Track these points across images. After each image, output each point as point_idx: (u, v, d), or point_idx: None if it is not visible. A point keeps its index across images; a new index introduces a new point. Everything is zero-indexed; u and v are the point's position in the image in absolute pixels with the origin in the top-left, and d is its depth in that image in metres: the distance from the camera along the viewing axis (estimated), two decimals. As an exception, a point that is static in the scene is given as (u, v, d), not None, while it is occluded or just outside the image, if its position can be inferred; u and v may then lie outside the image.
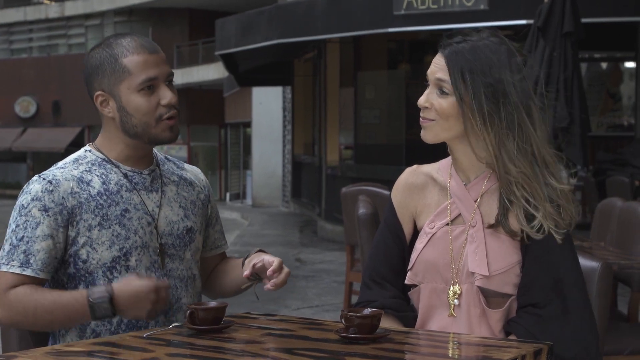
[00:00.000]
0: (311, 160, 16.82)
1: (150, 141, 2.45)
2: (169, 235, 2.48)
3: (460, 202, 2.38)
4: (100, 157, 2.48)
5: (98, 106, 2.45)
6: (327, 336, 2.08)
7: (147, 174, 2.50)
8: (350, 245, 6.49)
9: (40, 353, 1.97)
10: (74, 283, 2.40)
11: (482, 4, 10.19)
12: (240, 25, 14.27)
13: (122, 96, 2.40)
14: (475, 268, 2.31)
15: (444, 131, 2.34)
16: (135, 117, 2.40)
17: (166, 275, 2.46)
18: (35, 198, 2.36)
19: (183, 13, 32.01)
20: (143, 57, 2.40)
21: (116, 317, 2.34)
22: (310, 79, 17.31)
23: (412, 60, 13.55)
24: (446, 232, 2.38)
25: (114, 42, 2.43)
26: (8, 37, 37.20)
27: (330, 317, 7.07)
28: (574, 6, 6.54)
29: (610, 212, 5.00)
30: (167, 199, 2.51)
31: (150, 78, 2.39)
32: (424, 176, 2.48)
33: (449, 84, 2.30)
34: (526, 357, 1.90)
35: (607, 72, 13.38)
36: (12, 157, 36.27)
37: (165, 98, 2.41)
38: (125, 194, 2.43)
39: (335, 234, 12.81)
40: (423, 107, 2.35)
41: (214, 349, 1.98)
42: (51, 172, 2.42)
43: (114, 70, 2.40)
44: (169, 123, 2.43)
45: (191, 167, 2.69)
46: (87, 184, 2.41)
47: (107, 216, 2.38)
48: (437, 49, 2.38)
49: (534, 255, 2.30)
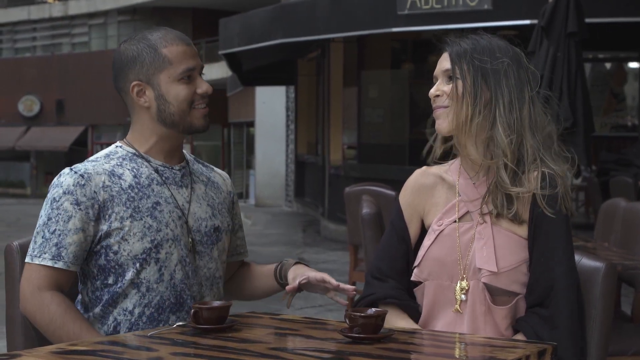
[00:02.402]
0: (314, 159, 16.81)
1: (184, 129, 2.49)
2: (197, 232, 2.50)
3: (468, 199, 2.40)
4: (132, 151, 2.51)
5: (134, 96, 2.48)
6: (331, 336, 2.09)
7: (177, 169, 2.53)
8: (354, 245, 6.49)
9: (45, 352, 1.97)
10: (103, 274, 2.43)
11: (486, 4, 10.18)
12: (244, 25, 14.27)
13: (162, 85, 2.45)
14: (483, 264, 2.32)
15: (459, 116, 2.36)
16: (174, 105, 2.45)
17: (195, 271, 2.48)
18: (67, 192, 2.39)
19: (186, 12, 32.03)
20: (182, 47, 2.47)
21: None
22: (313, 79, 17.31)
23: (416, 60, 13.55)
24: (454, 229, 2.39)
25: (150, 35, 2.48)
26: (12, 36, 37.23)
27: (334, 316, 7.07)
28: (578, 6, 6.53)
29: (614, 212, 5.00)
30: (196, 196, 2.54)
31: (189, 68, 2.46)
32: (433, 177, 2.50)
33: (454, 70, 2.37)
34: (530, 358, 1.90)
35: (611, 72, 13.37)
36: (16, 155, 36.29)
37: (202, 87, 2.48)
38: (156, 187, 2.47)
39: (339, 234, 12.81)
40: (434, 97, 2.40)
41: (218, 349, 1.99)
42: (83, 166, 2.44)
43: (153, 59, 2.45)
44: (202, 111, 2.49)
45: (220, 171, 2.73)
46: (119, 178, 2.44)
47: (138, 208, 2.41)
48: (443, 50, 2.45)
49: (538, 252, 2.31)
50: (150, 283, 2.41)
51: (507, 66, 2.35)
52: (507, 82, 2.35)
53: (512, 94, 2.35)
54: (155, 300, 2.42)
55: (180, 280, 2.45)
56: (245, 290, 2.77)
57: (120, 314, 2.41)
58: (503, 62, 2.35)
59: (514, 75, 2.36)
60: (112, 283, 2.42)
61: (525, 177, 2.34)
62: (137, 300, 2.41)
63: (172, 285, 2.43)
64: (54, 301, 2.35)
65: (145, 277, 2.41)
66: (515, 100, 2.35)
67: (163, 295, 2.43)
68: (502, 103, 2.34)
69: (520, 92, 2.36)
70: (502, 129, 2.33)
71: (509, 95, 2.34)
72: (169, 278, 2.43)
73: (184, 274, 2.45)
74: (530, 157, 2.35)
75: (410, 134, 12.96)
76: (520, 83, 2.37)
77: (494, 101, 2.34)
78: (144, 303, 2.41)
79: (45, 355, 1.93)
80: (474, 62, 2.35)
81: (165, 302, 2.43)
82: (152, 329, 2.26)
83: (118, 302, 2.41)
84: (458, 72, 2.36)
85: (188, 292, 2.46)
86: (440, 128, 2.40)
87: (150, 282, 2.41)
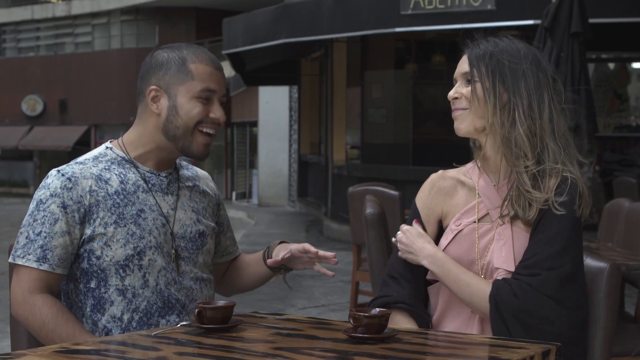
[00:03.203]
0: (317, 159, 16.81)
1: (182, 149, 2.48)
2: (182, 238, 2.51)
3: (489, 200, 2.40)
4: (121, 155, 2.51)
5: (148, 100, 2.48)
6: (335, 336, 2.09)
7: (164, 176, 2.53)
8: (357, 245, 6.49)
9: (49, 351, 1.97)
10: (86, 278, 2.43)
11: (490, 4, 10.17)
12: (247, 25, 14.27)
13: (179, 96, 2.45)
14: (501, 264, 2.33)
15: (477, 119, 2.36)
16: (182, 119, 2.45)
17: (180, 277, 2.48)
18: (54, 194, 2.40)
19: (189, 12, 32.03)
20: (210, 68, 2.47)
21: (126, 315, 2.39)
22: (317, 78, 17.31)
23: (419, 60, 13.53)
24: (473, 229, 2.40)
25: (185, 48, 2.49)
26: (15, 35, 37.24)
27: (337, 316, 7.07)
28: (581, 6, 6.53)
29: (618, 212, 4.99)
30: (182, 203, 2.55)
31: (210, 89, 2.46)
32: (450, 180, 2.51)
33: (473, 73, 2.36)
34: (534, 358, 1.90)
35: (614, 72, 13.35)
36: (19, 155, 36.31)
37: (216, 113, 2.49)
38: (142, 194, 2.47)
39: (342, 234, 12.81)
40: (453, 99, 2.39)
41: (222, 348, 1.99)
42: (70, 169, 2.44)
43: (178, 70, 2.45)
44: (206, 139, 2.49)
45: (203, 174, 2.73)
46: (105, 182, 2.44)
47: (123, 215, 2.42)
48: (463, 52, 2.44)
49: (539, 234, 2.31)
50: (136, 289, 2.42)
51: (526, 68, 2.34)
52: (526, 85, 2.33)
53: (532, 97, 2.33)
54: (143, 305, 2.43)
55: (166, 285, 2.45)
56: (238, 281, 2.78)
57: (109, 321, 2.42)
58: (522, 65, 2.34)
59: (534, 77, 2.35)
60: (94, 287, 2.42)
61: (546, 182, 2.33)
62: (124, 307, 2.42)
63: (157, 290, 2.44)
64: (46, 304, 2.36)
65: (130, 283, 2.42)
66: (534, 103, 2.33)
67: (150, 299, 2.43)
68: (521, 105, 2.32)
69: (540, 95, 2.34)
70: (522, 131, 2.32)
71: (527, 98, 2.33)
72: (154, 283, 2.44)
73: (169, 279, 2.46)
74: (551, 161, 2.33)
75: (413, 134, 12.94)
76: (540, 86, 2.35)
77: (512, 104, 2.33)
78: (132, 309, 2.42)
79: (50, 355, 1.93)
80: (492, 65, 2.34)
81: (152, 306, 2.43)
82: (156, 329, 2.26)
83: (105, 309, 2.41)
84: (476, 75, 2.36)
85: (175, 295, 2.47)
86: (458, 129, 2.40)
87: (135, 288, 2.42)
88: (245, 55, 15.49)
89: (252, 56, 15.71)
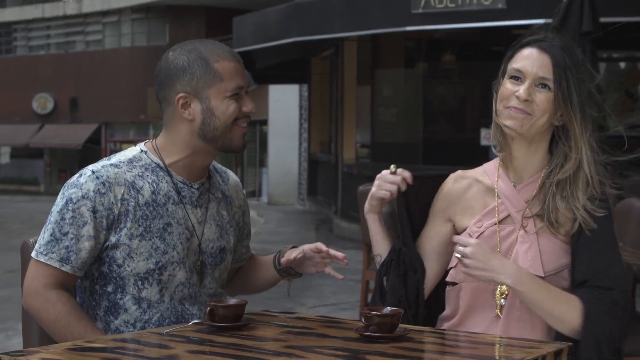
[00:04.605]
0: (327, 158, 16.81)
1: (223, 146, 2.46)
2: (203, 253, 2.50)
3: (510, 202, 2.38)
4: (156, 161, 2.48)
5: (178, 108, 2.43)
6: (346, 334, 2.09)
7: (196, 188, 2.51)
8: (367, 244, 6.48)
9: (62, 349, 1.98)
10: (104, 281, 2.43)
11: (500, 3, 10.15)
12: (257, 23, 14.28)
13: (212, 99, 2.42)
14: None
15: (536, 126, 2.33)
16: (220, 120, 2.43)
17: (199, 291, 2.49)
18: (86, 197, 2.37)
19: (200, 10, 32.04)
20: (233, 64, 2.44)
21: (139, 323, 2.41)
22: (327, 77, 17.30)
23: (430, 59, 13.52)
24: (494, 231, 2.38)
25: (201, 47, 2.44)
26: (26, 33, 37.33)
27: (347, 315, 7.07)
28: (592, 5, 6.51)
29: (629, 212, 4.97)
30: (209, 216, 2.53)
31: (240, 86, 2.44)
32: (467, 180, 2.49)
33: (551, 80, 2.32)
34: (547, 358, 1.89)
35: (625, 71, 13.32)
36: (29, 153, 36.39)
37: (248, 106, 2.47)
38: (171, 207, 2.45)
39: (352, 232, 12.80)
40: (523, 100, 2.32)
41: (233, 346, 1.99)
42: (106, 172, 2.40)
43: (204, 73, 2.41)
44: (243, 130, 2.48)
45: (234, 180, 2.70)
46: (138, 192, 2.41)
47: (150, 228, 2.40)
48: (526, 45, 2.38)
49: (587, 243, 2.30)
50: (151, 302, 2.42)
51: (588, 85, 2.34)
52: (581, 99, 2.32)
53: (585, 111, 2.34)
54: (156, 318, 2.42)
55: (180, 301, 2.45)
56: (247, 283, 2.78)
57: (122, 325, 2.41)
58: (586, 82, 2.34)
59: (588, 92, 2.35)
60: (111, 291, 2.42)
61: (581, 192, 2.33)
62: (137, 316, 2.42)
63: (172, 305, 2.44)
64: (60, 300, 2.36)
65: (147, 295, 2.41)
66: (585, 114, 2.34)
67: (163, 314, 2.43)
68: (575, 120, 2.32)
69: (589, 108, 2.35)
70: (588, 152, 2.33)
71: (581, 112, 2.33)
72: (169, 299, 2.44)
73: (185, 295, 2.46)
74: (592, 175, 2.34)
75: (423, 132, 12.94)
76: (589, 100, 2.35)
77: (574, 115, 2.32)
78: (145, 319, 2.42)
79: (62, 352, 1.94)
80: (574, 80, 2.31)
81: (165, 320, 2.43)
82: (167, 327, 2.26)
83: (119, 314, 2.41)
84: (558, 87, 2.31)
85: (189, 311, 2.46)
86: (514, 128, 2.33)
87: (151, 302, 2.42)
88: (255, 53, 15.49)
89: (262, 55, 15.71)
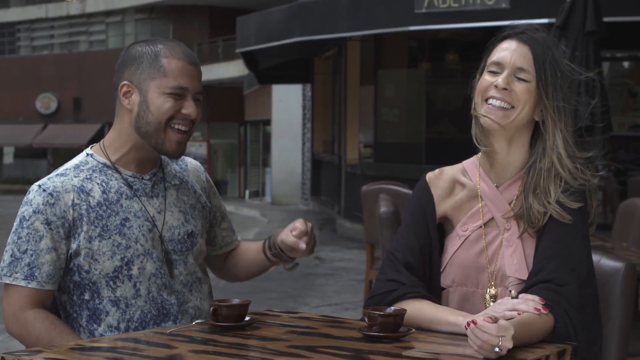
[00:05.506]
0: (331, 158, 16.81)
1: (156, 146, 2.43)
2: (170, 241, 2.47)
3: (493, 204, 2.35)
4: (102, 162, 2.47)
5: (120, 96, 2.43)
6: (350, 334, 2.09)
7: (148, 179, 2.49)
8: (370, 244, 6.49)
9: (65, 348, 1.98)
10: (79, 290, 2.42)
11: (504, 3, 10.15)
12: (261, 23, 14.29)
13: (149, 92, 2.40)
14: (514, 273, 2.28)
15: (517, 120, 2.29)
16: (153, 115, 2.39)
17: (173, 280, 2.46)
18: (37, 211, 2.37)
19: (203, 10, 32.08)
20: (182, 64, 2.41)
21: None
22: (330, 77, 17.30)
23: (433, 59, 13.52)
24: (480, 235, 2.34)
25: (159, 42, 2.44)
26: (30, 33, 37.39)
27: (350, 315, 7.07)
28: (596, 5, 6.50)
29: (632, 212, 4.97)
30: (169, 204, 2.50)
31: (181, 87, 2.40)
32: (449, 179, 2.43)
33: (531, 72, 2.29)
34: (550, 358, 1.89)
35: (629, 71, 13.30)
36: (33, 153, 36.47)
37: (187, 109, 2.41)
38: (125, 202, 2.43)
39: (355, 232, 12.80)
40: (502, 88, 2.29)
41: (237, 346, 1.99)
42: (52, 183, 2.40)
43: (150, 65, 2.40)
44: (179, 136, 2.42)
45: (193, 166, 2.66)
46: (87, 194, 2.40)
47: (107, 227, 2.39)
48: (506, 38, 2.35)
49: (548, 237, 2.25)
50: (128, 299, 2.40)
51: (567, 77, 2.33)
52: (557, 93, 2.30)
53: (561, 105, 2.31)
54: (137, 315, 2.41)
55: (158, 292, 2.43)
56: (237, 270, 2.74)
57: (106, 331, 2.40)
58: (565, 76, 2.32)
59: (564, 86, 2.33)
60: (88, 299, 2.41)
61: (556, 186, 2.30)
62: (119, 317, 2.40)
63: (150, 298, 2.42)
64: (38, 319, 2.35)
65: (122, 294, 2.40)
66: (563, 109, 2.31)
67: (143, 309, 2.41)
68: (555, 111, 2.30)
69: (568, 102, 2.33)
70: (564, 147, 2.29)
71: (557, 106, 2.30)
72: (146, 292, 2.42)
73: (160, 285, 2.43)
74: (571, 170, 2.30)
75: (426, 133, 12.93)
76: (566, 94, 2.33)
77: (552, 109, 2.30)
78: (127, 318, 2.40)
79: (65, 352, 1.94)
80: (552, 73, 2.30)
81: (146, 315, 2.41)
82: (171, 327, 2.27)
83: (101, 319, 2.40)
84: (538, 78, 2.30)
85: (168, 301, 2.44)
86: (497, 121, 2.29)
87: (127, 299, 2.40)
88: (258, 53, 15.51)
89: (265, 54, 15.72)
